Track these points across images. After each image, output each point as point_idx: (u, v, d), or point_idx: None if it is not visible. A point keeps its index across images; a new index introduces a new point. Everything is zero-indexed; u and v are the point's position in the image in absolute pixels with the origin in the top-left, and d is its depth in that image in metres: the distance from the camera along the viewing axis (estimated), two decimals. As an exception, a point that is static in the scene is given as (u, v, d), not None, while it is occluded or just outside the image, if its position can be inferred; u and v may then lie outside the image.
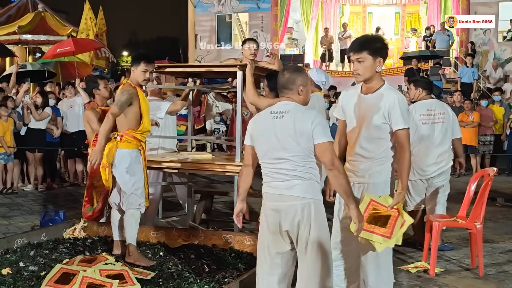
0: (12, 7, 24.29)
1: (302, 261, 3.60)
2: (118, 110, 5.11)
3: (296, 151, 3.54)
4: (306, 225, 3.52)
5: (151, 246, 5.65)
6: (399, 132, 4.02)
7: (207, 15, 24.29)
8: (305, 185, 3.55)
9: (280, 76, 3.71)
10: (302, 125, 3.53)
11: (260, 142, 3.66)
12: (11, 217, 8.25)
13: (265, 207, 3.68)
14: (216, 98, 7.59)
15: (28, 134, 10.66)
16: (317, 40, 23.81)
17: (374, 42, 4.10)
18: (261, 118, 3.73)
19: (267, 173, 3.65)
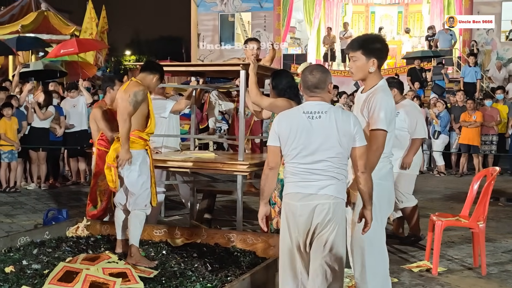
0: (15, 6, 24.30)
1: (316, 259, 3.59)
2: (133, 109, 5.07)
3: (336, 152, 3.56)
4: (333, 224, 3.56)
5: (154, 245, 5.65)
6: (370, 132, 3.90)
7: (209, 14, 24.31)
8: (338, 186, 3.59)
9: (310, 76, 3.68)
10: (345, 125, 3.56)
11: (292, 142, 3.61)
12: (14, 216, 8.27)
13: (290, 207, 3.63)
14: (219, 96, 7.60)
15: (32, 133, 10.69)
16: (319, 39, 23.81)
17: (371, 42, 4.04)
18: (291, 118, 3.67)
19: (297, 172, 3.61)
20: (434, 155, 13.58)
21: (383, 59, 4.09)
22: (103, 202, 6.40)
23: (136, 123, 5.17)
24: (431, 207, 8.95)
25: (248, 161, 6.03)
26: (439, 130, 13.27)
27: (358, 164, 3.61)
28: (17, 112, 10.45)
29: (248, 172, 6.05)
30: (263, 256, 5.28)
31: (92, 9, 20.63)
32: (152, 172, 5.38)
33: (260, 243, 5.43)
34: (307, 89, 3.69)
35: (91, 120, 6.62)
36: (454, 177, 12.93)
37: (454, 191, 10.81)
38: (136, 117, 5.15)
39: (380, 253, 4.06)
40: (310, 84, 3.67)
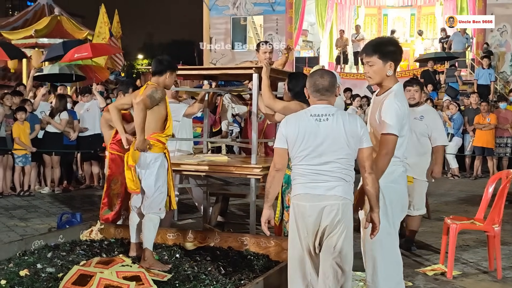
0: (28, 11, 24.50)
1: (326, 260, 3.62)
2: (150, 103, 5.05)
3: (344, 153, 3.61)
4: (342, 224, 3.59)
5: (167, 248, 5.65)
6: (382, 136, 3.88)
7: (222, 18, 24.35)
8: (346, 187, 3.63)
9: (321, 80, 3.73)
10: (352, 127, 3.62)
11: (300, 145, 3.66)
12: (28, 219, 8.31)
13: (299, 208, 3.66)
14: (232, 99, 7.60)
15: (46, 137, 10.75)
16: (332, 42, 23.78)
17: (386, 45, 4.03)
18: (299, 121, 3.71)
19: (305, 174, 3.66)
20: (447, 157, 13.50)
21: (399, 61, 4.08)
22: (116, 205, 6.41)
23: (155, 126, 5.17)
24: (445, 210, 8.90)
25: (261, 164, 6.02)
26: (452, 133, 13.21)
27: (365, 165, 3.66)
28: (30, 116, 10.52)
29: (261, 175, 6.04)
30: (276, 260, 5.26)
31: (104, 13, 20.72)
32: (170, 175, 5.38)
33: (274, 247, 5.42)
34: (317, 92, 3.73)
35: (103, 124, 6.64)
36: (468, 180, 12.85)
37: (468, 194, 10.74)
38: (154, 119, 5.16)
39: (393, 256, 4.03)
40: (321, 87, 3.72)
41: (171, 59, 5.46)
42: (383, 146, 3.85)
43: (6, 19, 27.33)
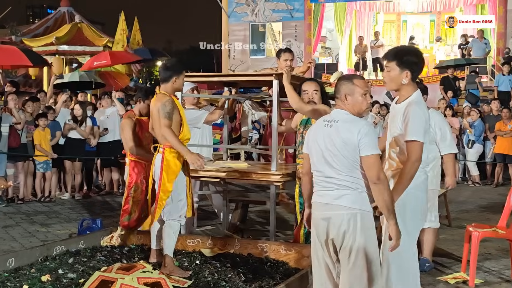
0: (49, 19, 24.80)
1: (343, 271, 3.59)
2: (169, 120, 5.10)
3: (340, 161, 3.55)
4: (351, 236, 3.52)
5: (187, 255, 5.66)
6: (407, 143, 3.86)
7: (240, 24, 24.39)
8: (353, 196, 3.54)
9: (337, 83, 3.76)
10: (347, 135, 3.53)
11: (312, 150, 3.70)
12: (49, 225, 8.37)
13: (314, 217, 3.70)
14: (252, 106, 7.62)
15: (67, 143, 10.82)
16: (350, 48, 23.73)
17: (406, 54, 4.02)
18: (315, 126, 3.78)
19: (317, 181, 3.69)
20: (468, 164, 13.40)
21: (418, 72, 4.06)
22: (136, 212, 6.43)
23: None
24: (466, 217, 8.82)
25: (281, 171, 6.02)
26: (473, 140, 13.11)
27: (368, 175, 3.52)
28: (52, 122, 10.60)
29: (281, 182, 6.04)
30: (296, 267, 5.25)
31: (123, 21, 20.91)
32: (189, 182, 5.39)
33: (294, 254, 5.40)
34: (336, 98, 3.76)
35: (121, 131, 6.68)
36: (489, 187, 12.73)
37: (489, 202, 10.63)
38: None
39: (410, 267, 3.99)
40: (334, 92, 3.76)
41: (175, 62, 5.48)
42: (411, 154, 3.83)
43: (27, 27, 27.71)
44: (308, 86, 5.72)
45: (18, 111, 10.10)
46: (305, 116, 5.70)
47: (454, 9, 23.31)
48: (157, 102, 5.18)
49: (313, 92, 5.65)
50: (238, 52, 24.33)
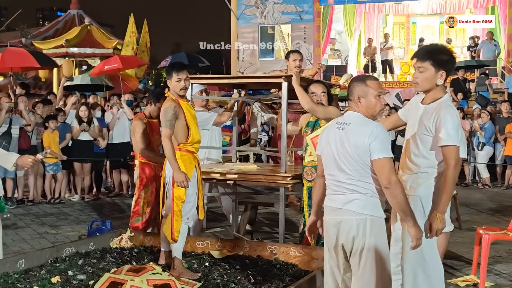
0: (59, 21, 24.94)
1: (354, 276, 3.56)
2: (170, 129, 5.11)
3: (351, 164, 3.49)
4: (360, 241, 3.48)
5: (196, 256, 5.66)
6: (443, 148, 3.80)
7: (249, 27, 24.39)
8: (363, 201, 3.49)
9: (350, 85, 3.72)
10: (358, 138, 3.47)
11: (324, 153, 3.67)
12: (59, 227, 8.40)
13: (325, 221, 3.67)
14: (262, 108, 7.61)
15: (76, 145, 10.86)
16: (360, 50, 23.68)
17: (440, 53, 3.94)
18: (327, 129, 3.75)
19: (329, 185, 3.65)
20: (478, 167, 13.33)
21: (451, 72, 4.01)
22: (147, 214, 6.45)
23: (177, 137, 5.20)
24: (476, 220, 8.78)
25: (290, 173, 6.01)
26: (483, 142, 13.04)
27: (379, 178, 3.45)
28: (62, 124, 10.64)
29: (290, 184, 6.03)
30: (306, 269, 5.24)
31: (133, 23, 20.96)
32: (200, 185, 5.39)
33: (303, 256, 5.39)
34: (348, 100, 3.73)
35: (132, 132, 6.70)
36: (500, 190, 12.66)
37: (500, 204, 10.58)
38: (176, 130, 5.18)
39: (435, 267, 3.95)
40: (347, 93, 3.72)
41: (170, 64, 5.51)
42: (451, 159, 3.77)
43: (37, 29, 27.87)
44: (316, 88, 5.73)
45: (28, 113, 10.15)
46: (312, 118, 5.70)
47: (464, 11, 23.20)
48: (162, 108, 5.24)
49: (321, 94, 5.66)
50: (247, 54, 24.33)
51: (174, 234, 5.13)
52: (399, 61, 23.72)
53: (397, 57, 23.65)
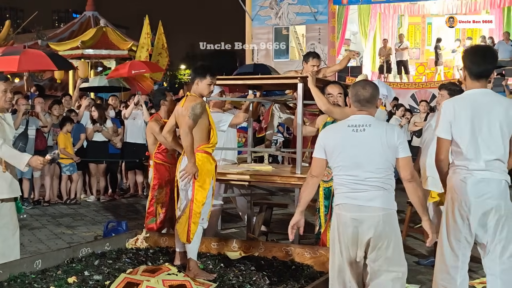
0: (75, 23, 25.08)
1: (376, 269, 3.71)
2: (193, 122, 5.09)
3: (380, 163, 3.69)
4: (388, 235, 3.67)
5: (211, 257, 5.67)
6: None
7: (264, 28, 24.41)
8: (386, 196, 3.70)
9: (363, 91, 3.81)
10: (389, 138, 3.70)
11: (339, 155, 3.76)
12: (74, 227, 8.45)
13: (341, 218, 3.75)
14: (281, 109, 7.61)
15: (90, 146, 10.92)
16: (375, 51, 23.59)
17: None
18: (337, 132, 3.85)
19: (346, 184, 3.74)
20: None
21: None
22: (161, 214, 6.47)
23: (200, 137, 5.18)
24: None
25: (306, 174, 5.99)
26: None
27: (403, 174, 3.74)
28: (76, 125, 10.70)
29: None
30: (321, 270, 5.22)
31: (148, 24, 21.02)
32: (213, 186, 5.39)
33: (319, 257, 5.38)
34: (358, 103, 3.83)
35: (148, 134, 6.72)
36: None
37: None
38: (199, 131, 5.18)
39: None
40: (362, 98, 3.81)
41: (200, 65, 5.49)
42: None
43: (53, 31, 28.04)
44: (333, 89, 5.72)
45: (44, 114, 10.22)
46: (329, 119, 5.69)
47: (480, 11, 23.05)
48: (188, 103, 5.16)
49: (338, 95, 5.65)
50: (261, 55, 24.34)
51: (190, 236, 5.13)
52: (414, 61, 23.62)
53: (412, 57, 23.55)
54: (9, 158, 4.83)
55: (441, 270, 4.12)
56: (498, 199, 3.90)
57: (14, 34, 24.27)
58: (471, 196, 3.90)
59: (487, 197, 3.89)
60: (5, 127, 4.98)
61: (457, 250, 4.06)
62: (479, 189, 3.89)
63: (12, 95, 5.10)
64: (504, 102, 4.01)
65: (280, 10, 24.09)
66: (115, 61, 21.10)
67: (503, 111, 3.93)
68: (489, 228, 3.94)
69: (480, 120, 3.93)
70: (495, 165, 3.92)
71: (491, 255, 4.02)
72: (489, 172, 3.91)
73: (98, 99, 14.54)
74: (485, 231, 3.95)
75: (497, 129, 3.90)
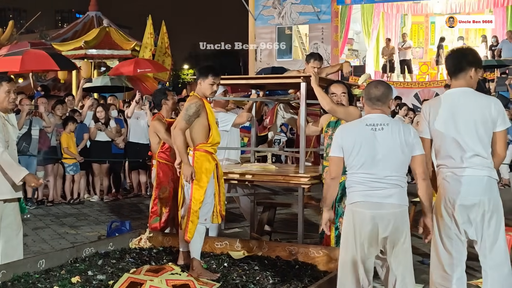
0: (78, 23, 25.10)
1: (397, 263, 3.86)
2: (186, 123, 5.09)
3: (398, 161, 3.82)
4: (403, 231, 3.82)
5: (215, 257, 5.66)
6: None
7: (267, 27, 24.39)
8: (402, 193, 3.84)
9: (375, 89, 3.92)
10: (406, 136, 3.83)
11: (357, 153, 3.84)
12: (78, 227, 8.46)
13: (358, 216, 3.83)
14: (285, 109, 7.61)
15: (94, 146, 10.93)
16: (378, 50, 23.55)
17: None
18: (355, 130, 3.91)
19: (363, 182, 3.83)
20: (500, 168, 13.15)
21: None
22: (165, 214, 6.46)
23: (198, 137, 5.18)
24: (497, 221, 8.67)
25: (309, 173, 5.99)
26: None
27: (418, 171, 3.87)
28: (79, 125, 10.71)
29: (309, 185, 6.01)
30: (325, 270, 5.22)
31: (151, 25, 21.02)
32: (221, 187, 5.36)
33: (322, 257, 5.37)
34: (369, 101, 3.92)
35: (151, 133, 6.72)
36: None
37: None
38: (197, 131, 5.17)
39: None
40: (373, 96, 3.90)
41: (205, 66, 5.48)
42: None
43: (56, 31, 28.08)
44: (336, 89, 5.71)
45: (48, 114, 10.23)
46: (333, 118, 5.68)
47: (484, 11, 23.00)
48: (186, 103, 5.22)
49: (341, 95, 5.64)
50: (264, 54, 24.33)
51: (187, 234, 5.13)
52: (417, 61, 23.58)
53: (415, 57, 23.52)
54: (6, 167, 4.84)
55: (437, 268, 4.22)
56: (481, 195, 4.04)
57: (17, 35, 24.26)
58: (453, 194, 4.05)
59: (468, 193, 4.03)
60: (9, 127, 4.99)
61: (450, 247, 4.15)
62: (459, 186, 4.04)
63: (15, 96, 5.11)
64: (480, 100, 4.12)
65: (283, 10, 24.07)
66: (118, 61, 21.09)
67: (478, 109, 4.05)
68: (475, 225, 4.07)
69: (456, 118, 4.06)
70: (475, 161, 4.03)
71: (482, 251, 4.15)
72: (470, 169, 4.04)
73: (102, 99, 14.53)
74: (472, 228, 4.08)
75: (472, 127, 4.03)
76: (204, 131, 5.21)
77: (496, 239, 4.08)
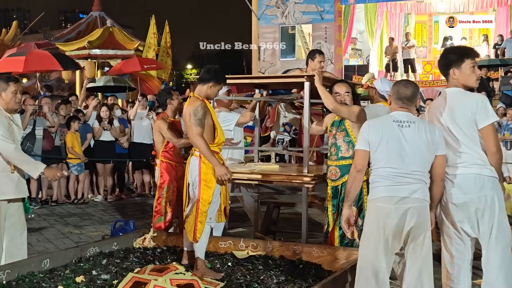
0: (81, 23, 25.12)
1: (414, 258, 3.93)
2: (200, 127, 5.03)
3: (424, 158, 3.91)
4: (426, 226, 3.91)
5: (219, 256, 5.66)
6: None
7: (270, 27, 24.39)
8: (424, 190, 3.92)
9: (405, 89, 4.01)
10: (432, 135, 3.93)
11: (384, 148, 3.91)
12: (82, 227, 8.47)
13: (383, 211, 3.88)
14: (286, 108, 7.60)
15: (98, 145, 10.94)
16: (381, 50, 23.53)
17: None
18: (382, 126, 3.98)
19: (389, 177, 3.90)
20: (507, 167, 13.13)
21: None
22: (169, 213, 6.47)
23: (205, 137, 5.16)
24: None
25: (313, 172, 5.99)
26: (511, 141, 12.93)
27: (439, 171, 3.98)
28: (83, 125, 10.73)
29: (313, 184, 6.01)
30: (329, 269, 5.21)
31: (154, 24, 21.03)
32: (225, 186, 5.34)
33: (326, 256, 5.37)
34: (399, 100, 4.01)
35: (155, 132, 6.73)
36: (525, 189, 12.47)
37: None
38: (204, 131, 5.16)
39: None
40: (403, 96, 4.00)
41: (220, 71, 5.33)
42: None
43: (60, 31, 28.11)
44: (340, 88, 5.70)
45: (51, 114, 10.24)
46: (337, 117, 5.67)
47: (487, 10, 22.96)
48: (189, 107, 5.12)
49: (345, 94, 5.63)
50: (268, 54, 24.33)
51: (196, 235, 5.11)
52: (421, 60, 23.54)
53: (419, 56, 23.49)
54: (21, 163, 4.86)
55: (443, 268, 4.32)
56: (473, 192, 4.07)
57: (21, 35, 24.32)
58: (445, 193, 4.15)
59: (458, 192, 4.11)
60: (14, 128, 5.00)
61: (450, 246, 4.24)
62: (451, 185, 4.13)
63: (21, 96, 5.12)
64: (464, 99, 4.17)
65: (286, 9, 24.06)
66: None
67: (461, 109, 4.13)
68: (470, 222, 4.11)
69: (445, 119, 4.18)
70: (464, 160, 4.10)
71: (485, 247, 4.19)
72: (460, 168, 4.12)
73: (105, 98, 14.55)
74: (470, 225, 4.13)
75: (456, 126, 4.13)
76: (210, 132, 5.19)
77: (498, 234, 4.09)
